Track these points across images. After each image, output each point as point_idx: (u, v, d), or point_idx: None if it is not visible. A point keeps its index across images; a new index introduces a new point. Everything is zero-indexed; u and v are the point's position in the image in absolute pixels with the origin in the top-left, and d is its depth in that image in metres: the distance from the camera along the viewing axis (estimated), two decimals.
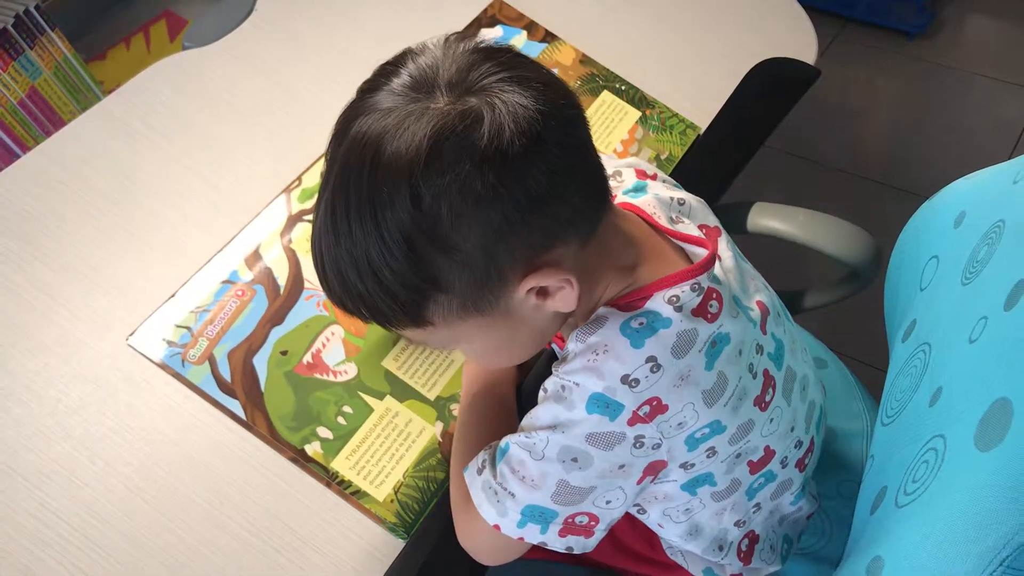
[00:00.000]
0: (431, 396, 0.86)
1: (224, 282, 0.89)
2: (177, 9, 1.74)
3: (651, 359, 0.62)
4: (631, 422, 0.63)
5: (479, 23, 1.14)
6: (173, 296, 0.88)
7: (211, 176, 0.98)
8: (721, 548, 0.78)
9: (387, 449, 0.82)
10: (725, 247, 0.73)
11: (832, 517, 0.89)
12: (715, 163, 0.77)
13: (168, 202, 0.95)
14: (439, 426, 0.84)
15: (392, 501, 0.80)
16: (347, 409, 0.84)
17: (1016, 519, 0.51)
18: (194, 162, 0.99)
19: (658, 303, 0.63)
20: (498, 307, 0.61)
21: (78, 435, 0.80)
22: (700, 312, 0.64)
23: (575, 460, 0.64)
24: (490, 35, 1.13)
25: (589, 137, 0.62)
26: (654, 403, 0.63)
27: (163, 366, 0.84)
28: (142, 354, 0.84)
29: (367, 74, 0.60)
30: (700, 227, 0.73)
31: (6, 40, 1.20)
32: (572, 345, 0.65)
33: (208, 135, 1.01)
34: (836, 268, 1.05)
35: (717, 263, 0.69)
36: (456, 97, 0.56)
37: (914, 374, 0.77)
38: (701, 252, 0.68)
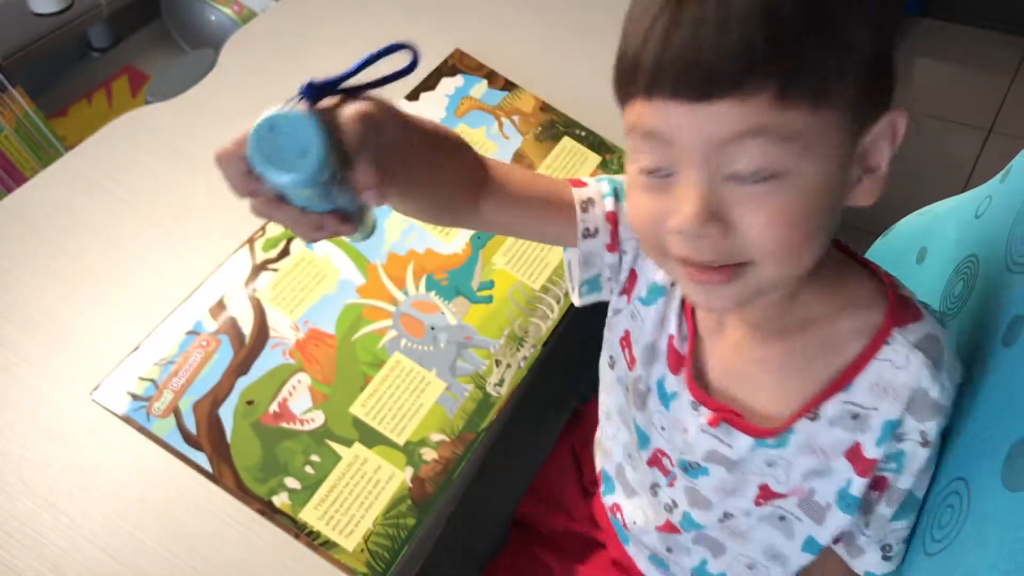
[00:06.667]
0: (400, 441, 0.86)
1: (188, 333, 0.89)
2: (139, 65, 1.75)
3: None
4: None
5: (440, 73, 1.16)
6: (137, 348, 0.87)
7: (174, 228, 0.98)
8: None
9: (356, 497, 0.82)
10: None
11: None
12: None
13: (131, 255, 0.95)
14: (409, 471, 0.84)
15: (362, 551, 0.79)
16: (315, 458, 0.83)
17: None
18: (157, 215, 0.99)
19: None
20: (855, 145, 0.59)
21: (43, 492, 0.79)
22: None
23: None
24: (451, 84, 1.15)
25: None
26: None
27: (128, 420, 0.83)
28: (106, 408, 0.83)
29: None
30: None
31: None
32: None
33: (171, 188, 1.02)
34: None
35: None
36: None
37: None
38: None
